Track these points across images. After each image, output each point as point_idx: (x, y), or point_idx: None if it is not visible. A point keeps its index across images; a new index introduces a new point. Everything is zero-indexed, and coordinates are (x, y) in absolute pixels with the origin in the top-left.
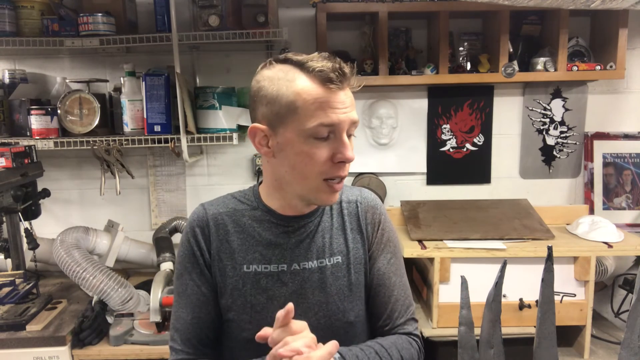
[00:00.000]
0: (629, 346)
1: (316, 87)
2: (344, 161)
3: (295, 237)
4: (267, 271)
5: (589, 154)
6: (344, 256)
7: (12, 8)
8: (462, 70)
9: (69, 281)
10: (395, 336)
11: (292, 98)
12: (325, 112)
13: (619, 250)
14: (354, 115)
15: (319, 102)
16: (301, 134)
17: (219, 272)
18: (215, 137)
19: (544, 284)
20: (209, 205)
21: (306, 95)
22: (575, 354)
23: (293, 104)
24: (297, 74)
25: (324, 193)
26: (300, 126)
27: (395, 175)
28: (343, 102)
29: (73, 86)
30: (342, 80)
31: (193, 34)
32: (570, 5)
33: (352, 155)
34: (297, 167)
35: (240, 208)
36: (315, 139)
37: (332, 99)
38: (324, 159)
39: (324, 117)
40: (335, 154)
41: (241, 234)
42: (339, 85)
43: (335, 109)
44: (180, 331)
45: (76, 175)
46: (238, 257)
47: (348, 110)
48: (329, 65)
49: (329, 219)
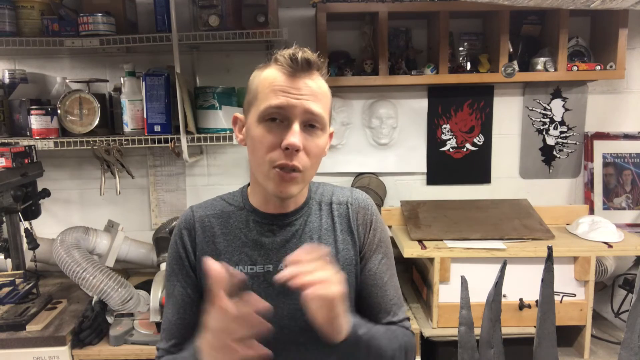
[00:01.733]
0: (629, 346)
1: (275, 73)
2: (287, 147)
3: (280, 236)
4: (253, 272)
5: (589, 154)
6: (333, 257)
7: (12, 8)
8: (462, 70)
9: (69, 281)
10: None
11: (256, 84)
12: (277, 95)
13: (619, 250)
14: (311, 105)
15: (273, 86)
16: (257, 118)
17: (204, 274)
18: (215, 137)
19: (544, 284)
20: (197, 207)
21: (265, 81)
22: (575, 354)
23: (256, 90)
24: (268, 66)
25: (273, 181)
26: (257, 110)
27: (395, 175)
28: (299, 88)
29: (73, 86)
30: (293, 65)
31: (193, 34)
32: (570, 5)
33: (293, 141)
34: (253, 152)
35: (227, 210)
36: (266, 122)
37: (287, 83)
38: (272, 144)
39: (274, 99)
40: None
41: (228, 236)
42: (290, 70)
43: (288, 93)
44: (166, 331)
45: (76, 175)
46: (224, 259)
47: (304, 97)
48: (287, 52)
49: (317, 220)
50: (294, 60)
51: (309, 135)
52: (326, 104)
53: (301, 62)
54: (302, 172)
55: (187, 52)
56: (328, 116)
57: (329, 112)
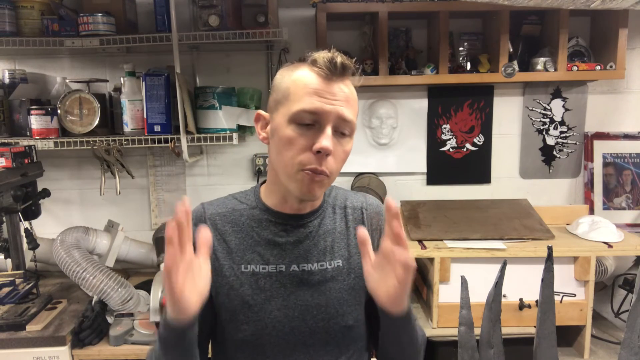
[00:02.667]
0: (629, 346)
1: (310, 75)
2: (320, 150)
3: (294, 236)
4: (265, 271)
5: (589, 154)
6: (345, 260)
7: (12, 8)
8: (462, 70)
9: (69, 281)
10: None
11: (288, 84)
12: (312, 98)
13: (619, 250)
14: (344, 111)
15: (308, 89)
16: (288, 119)
17: (214, 272)
18: (215, 137)
19: (544, 284)
20: (208, 205)
21: (299, 82)
22: (575, 354)
23: (287, 90)
24: (300, 65)
25: (301, 183)
26: (288, 111)
27: (395, 175)
28: (334, 93)
29: (73, 86)
30: (331, 68)
31: (193, 34)
32: (570, 5)
33: (326, 145)
34: (280, 153)
35: (239, 208)
36: (298, 125)
37: (322, 87)
38: (303, 146)
39: (308, 103)
40: (314, 143)
41: (239, 234)
42: (328, 73)
43: (323, 97)
44: None
45: (76, 175)
46: (236, 257)
47: (338, 103)
48: (324, 55)
49: (331, 222)
50: (332, 64)
51: (338, 140)
52: (356, 110)
53: (339, 67)
54: (329, 177)
55: (187, 52)
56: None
57: (356, 117)
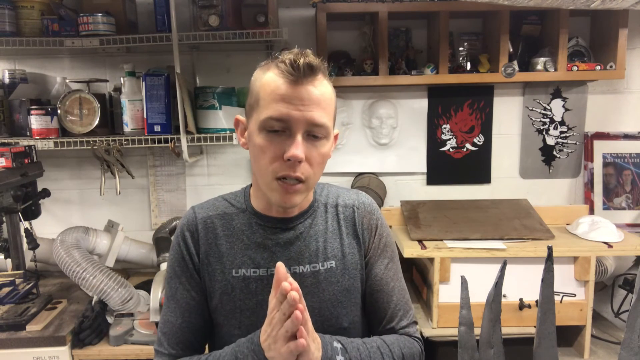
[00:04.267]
0: (629, 346)
1: (276, 80)
2: (289, 159)
3: (284, 238)
4: (256, 275)
5: (589, 154)
6: (339, 261)
7: (12, 8)
8: (462, 70)
9: (69, 281)
10: (397, 335)
11: (258, 89)
12: (278, 105)
13: (619, 250)
14: (314, 115)
15: (275, 94)
16: (258, 126)
17: (207, 277)
18: (215, 137)
19: (544, 284)
20: (199, 208)
21: (267, 87)
22: (575, 354)
23: (258, 95)
24: (270, 68)
25: (277, 193)
26: (258, 117)
27: (395, 175)
28: (301, 98)
29: (73, 86)
30: (293, 72)
31: (193, 34)
32: (570, 5)
33: (296, 153)
34: (256, 161)
35: (230, 211)
36: (268, 132)
37: (289, 92)
38: (274, 155)
39: (275, 111)
40: (285, 151)
41: (230, 238)
42: (292, 78)
43: (290, 104)
44: (168, 335)
45: (76, 175)
46: (227, 262)
47: (306, 108)
48: (288, 57)
49: (323, 222)
50: (295, 67)
51: (312, 144)
52: (330, 111)
53: (303, 68)
54: (305, 182)
55: (187, 52)
56: (332, 122)
57: (333, 117)
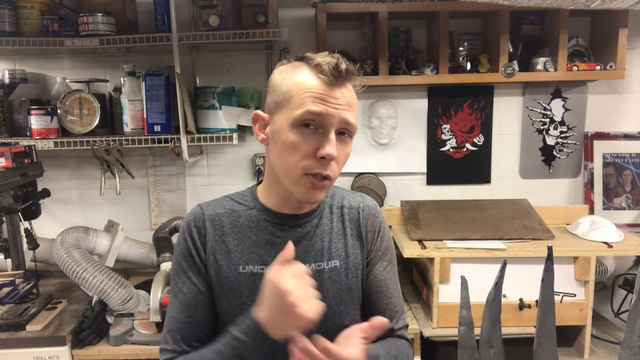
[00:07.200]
0: (629, 346)
1: (313, 79)
2: (324, 157)
3: (292, 236)
4: (264, 272)
5: (589, 154)
6: (342, 261)
7: (12, 8)
8: (462, 70)
9: (69, 281)
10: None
11: (290, 87)
12: (315, 102)
13: (619, 250)
14: (347, 115)
15: (311, 92)
16: (290, 122)
17: (214, 273)
18: (215, 137)
19: (544, 284)
20: (206, 206)
21: (301, 85)
22: (575, 354)
23: (289, 93)
24: (301, 67)
25: (304, 188)
26: (290, 114)
27: (395, 175)
28: (336, 97)
29: (73, 86)
30: (336, 75)
31: (193, 34)
32: (570, 5)
33: (332, 152)
34: (282, 157)
35: (237, 209)
36: (301, 128)
37: (325, 91)
38: (307, 152)
39: (312, 106)
40: (318, 148)
41: (238, 235)
42: (332, 80)
43: (326, 102)
44: (173, 331)
45: (76, 175)
46: (234, 258)
47: (340, 107)
48: (327, 59)
49: (328, 223)
50: (338, 71)
51: (340, 143)
52: (357, 113)
53: (345, 72)
54: (332, 180)
55: (187, 52)
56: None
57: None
